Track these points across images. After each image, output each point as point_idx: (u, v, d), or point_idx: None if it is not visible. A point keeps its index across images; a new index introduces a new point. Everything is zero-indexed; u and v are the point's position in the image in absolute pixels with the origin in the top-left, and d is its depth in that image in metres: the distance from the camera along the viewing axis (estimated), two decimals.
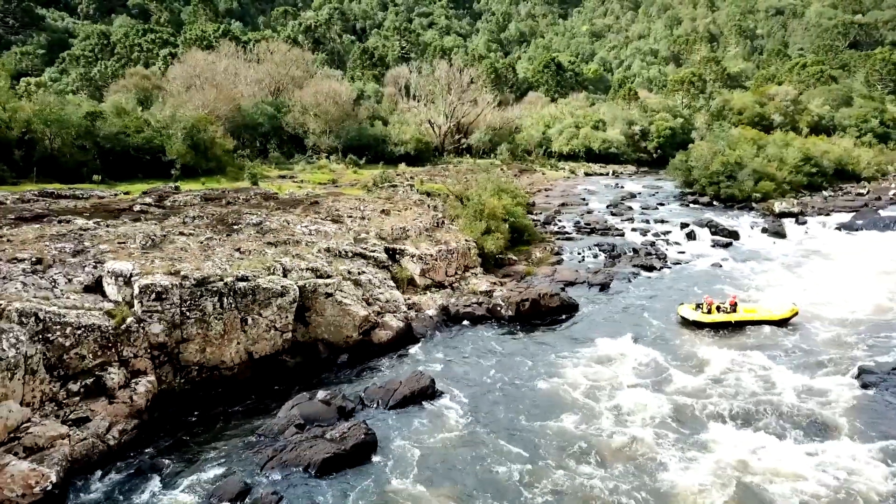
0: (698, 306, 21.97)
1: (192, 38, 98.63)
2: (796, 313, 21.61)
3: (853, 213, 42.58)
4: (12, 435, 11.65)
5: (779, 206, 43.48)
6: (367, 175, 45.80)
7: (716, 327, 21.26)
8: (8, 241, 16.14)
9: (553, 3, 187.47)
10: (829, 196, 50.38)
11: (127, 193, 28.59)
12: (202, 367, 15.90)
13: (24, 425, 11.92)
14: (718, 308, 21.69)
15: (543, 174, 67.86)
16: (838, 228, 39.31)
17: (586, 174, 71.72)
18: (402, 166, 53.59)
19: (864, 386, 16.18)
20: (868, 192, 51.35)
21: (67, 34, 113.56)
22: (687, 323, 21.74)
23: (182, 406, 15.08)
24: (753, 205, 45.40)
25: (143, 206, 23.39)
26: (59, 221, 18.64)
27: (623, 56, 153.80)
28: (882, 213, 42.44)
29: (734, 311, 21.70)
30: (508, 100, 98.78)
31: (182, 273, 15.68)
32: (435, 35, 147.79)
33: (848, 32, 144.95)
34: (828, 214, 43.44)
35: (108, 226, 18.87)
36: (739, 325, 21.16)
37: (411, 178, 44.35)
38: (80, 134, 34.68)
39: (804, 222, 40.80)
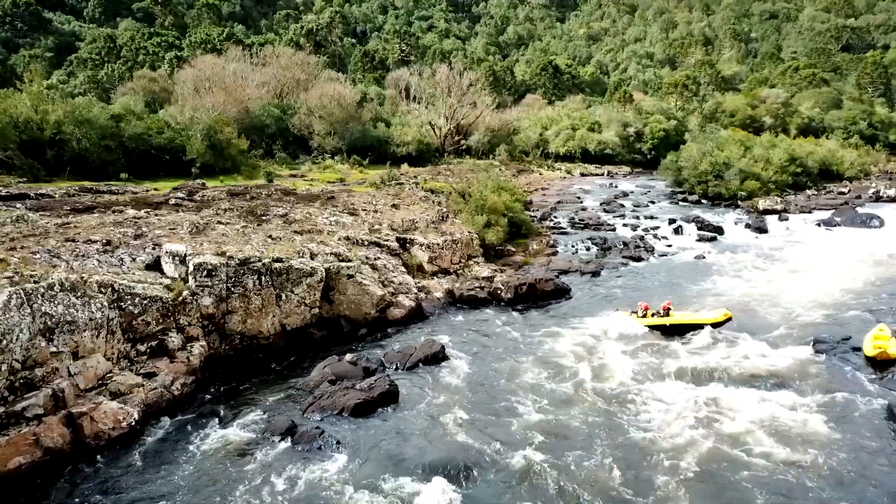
0: (633, 312, 22.13)
1: (197, 41, 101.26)
2: (729, 318, 21.14)
3: (833, 211, 45.10)
4: (100, 382, 14.14)
5: (763, 203, 46.07)
6: (373, 175, 48.27)
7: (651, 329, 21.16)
8: (74, 227, 18.61)
9: (551, 6, 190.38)
10: (813, 195, 52.95)
11: (156, 190, 31.08)
12: (243, 336, 18.39)
13: (108, 375, 14.41)
14: (654, 314, 21.59)
15: (541, 174, 70.40)
16: (817, 224, 41.82)
17: (582, 174, 74.31)
18: (405, 166, 55.86)
19: (818, 352, 18.68)
20: (849, 191, 53.96)
21: (74, 37, 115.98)
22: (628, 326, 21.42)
23: (228, 369, 17.56)
24: (739, 203, 47.96)
25: (177, 200, 25.90)
26: (113, 211, 21.14)
27: (619, 59, 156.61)
28: (860, 210, 44.96)
29: (667, 316, 21.51)
30: (507, 102, 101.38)
31: (228, 254, 18.20)
32: (434, 38, 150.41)
33: (840, 36, 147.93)
34: (809, 212, 46.00)
35: (156, 215, 21.43)
36: (674, 330, 20.80)
37: (415, 176, 46.84)
38: (107, 135, 37.13)
39: (786, 219, 43.33)
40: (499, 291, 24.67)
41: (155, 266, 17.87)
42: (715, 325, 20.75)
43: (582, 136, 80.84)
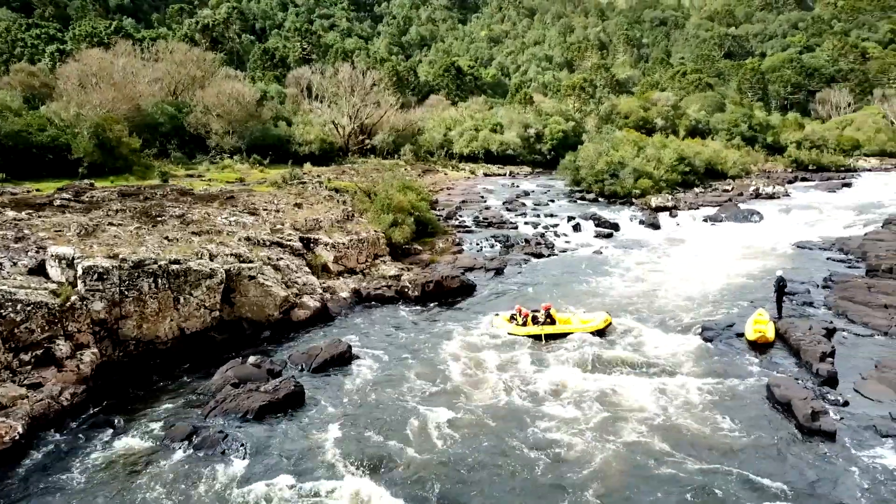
0: (513, 317, 21.20)
1: (81, 34, 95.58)
2: (609, 323, 21.00)
3: (718, 207, 47.96)
4: None
5: (655, 201, 48.38)
6: (274, 174, 47.18)
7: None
8: None
9: (452, 8, 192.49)
10: (700, 192, 56.05)
11: (38, 191, 29.17)
12: (139, 341, 17.60)
13: None
14: (535, 319, 20.80)
15: (446, 174, 70.98)
16: (704, 220, 44.35)
17: (486, 174, 75.45)
18: (308, 166, 54.97)
19: (705, 339, 19.87)
20: (732, 189, 57.54)
21: None
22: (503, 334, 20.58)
23: (123, 375, 16.76)
24: (633, 200, 50.11)
25: (63, 201, 24.40)
26: None
27: (520, 61, 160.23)
28: (742, 206, 48.04)
29: (549, 318, 20.79)
30: (411, 102, 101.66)
31: (121, 256, 17.35)
32: (336, 37, 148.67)
33: (723, 43, 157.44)
34: (697, 208, 48.65)
35: (39, 217, 20.13)
36: (553, 337, 20.19)
37: (318, 176, 46.18)
38: None
39: (676, 215, 45.66)
40: (406, 290, 24.77)
41: (39, 270, 16.81)
42: (595, 333, 20.31)
43: (485, 136, 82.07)
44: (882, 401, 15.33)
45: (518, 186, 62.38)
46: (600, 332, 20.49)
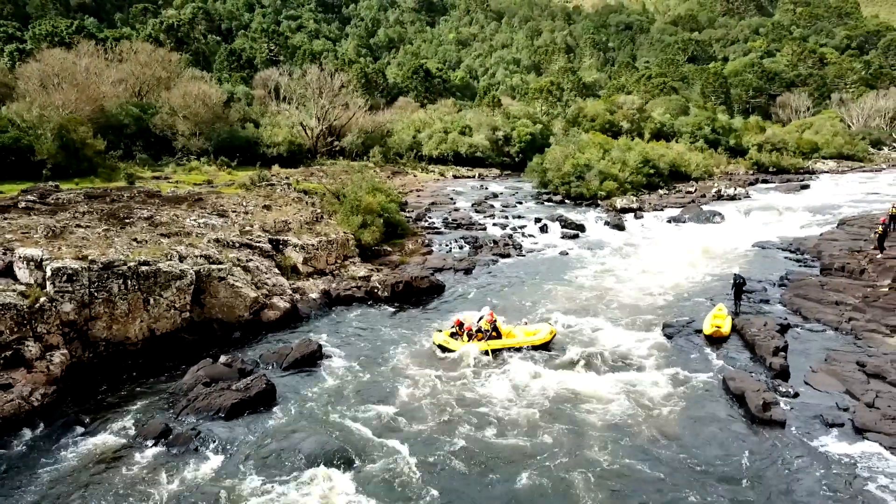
0: (454, 334, 19.80)
1: (42, 33, 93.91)
2: (554, 335, 20.14)
3: (682, 209, 49.09)
4: None
5: (620, 202, 49.36)
6: (242, 176, 47.11)
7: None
8: None
9: (421, 11, 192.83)
10: (664, 194, 57.23)
11: (1, 192, 28.83)
12: (109, 342, 17.66)
13: None
14: (480, 330, 19.76)
15: (415, 176, 71.33)
16: (668, 221, 45.39)
17: (454, 177, 75.92)
18: (276, 167, 54.91)
19: (667, 336, 20.55)
20: (695, 191, 58.86)
21: None
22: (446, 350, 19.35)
23: (93, 376, 16.82)
24: (599, 202, 51.03)
25: (28, 203, 24.24)
26: None
27: (488, 64, 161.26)
28: (704, 208, 49.19)
29: (495, 331, 19.76)
30: (379, 104, 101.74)
31: (90, 258, 17.40)
32: (304, 38, 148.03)
33: (687, 48, 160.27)
34: (661, 210, 49.72)
35: (4, 219, 20.01)
36: (498, 352, 19.26)
37: (287, 177, 46.22)
38: None
39: (641, 216, 46.65)
40: (376, 290, 25.09)
41: (7, 272, 16.78)
42: (538, 347, 19.47)
43: (454, 139, 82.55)
44: (830, 392, 16.14)
45: (487, 189, 62.99)
46: (545, 346, 19.64)
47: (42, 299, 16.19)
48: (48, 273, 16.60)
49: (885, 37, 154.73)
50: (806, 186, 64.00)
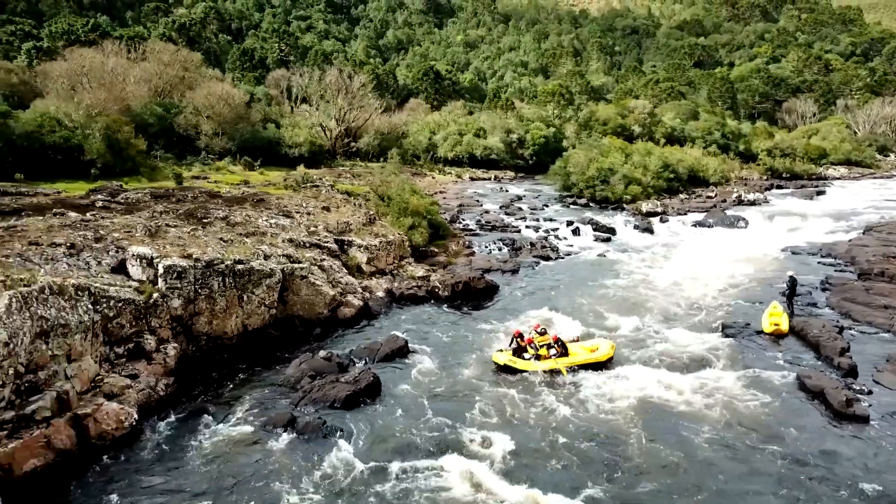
0: (517, 351, 18.99)
1: (58, 31, 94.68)
2: (614, 350, 19.62)
3: (705, 213, 50.16)
4: (93, 384, 14.12)
5: (645, 206, 50.42)
6: (274, 177, 48.06)
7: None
8: (22, 230, 17.97)
9: (429, 12, 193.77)
10: (685, 198, 58.33)
11: (63, 192, 29.63)
12: (209, 336, 18.61)
13: (97, 377, 14.39)
14: (547, 346, 19.00)
15: (434, 178, 72.26)
16: (694, 225, 46.43)
17: (471, 178, 76.88)
18: (302, 168, 55.68)
19: (727, 336, 21.53)
20: (716, 196, 59.98)
21: None
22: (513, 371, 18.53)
23: (197, 369, 17.75)
24: (624, 206, 52.10)
25: (104, 202, 25.12)
26: (55, 214, 20.44)
27: (496, 66, 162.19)
28: (728, 212, 50.34)
29: (562, 347, 19.00)
30: (391, 105, 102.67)
31: (194, 256, 18.33)
32: (314, 39, 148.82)
33: (693, 53, 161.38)
34: (685, 214, 50.78)
35: (102, 217, 20.92)
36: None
37: (320, 178, 47.09)
38: None
39: (667, 220, 47.68)
40: (436, 290, 26.05)
41: (120, 269, 17.70)
42: (605, 364, 18.89)
43: (469, 141, 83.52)
44: None
45: (507, 191, 63.94)
46: (607, 363, 18.98)
47: (155, 295, 17.12)
48: (160, 270, 17.54)
49: (889, 44, 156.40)
50: (822, 192, 65.16)
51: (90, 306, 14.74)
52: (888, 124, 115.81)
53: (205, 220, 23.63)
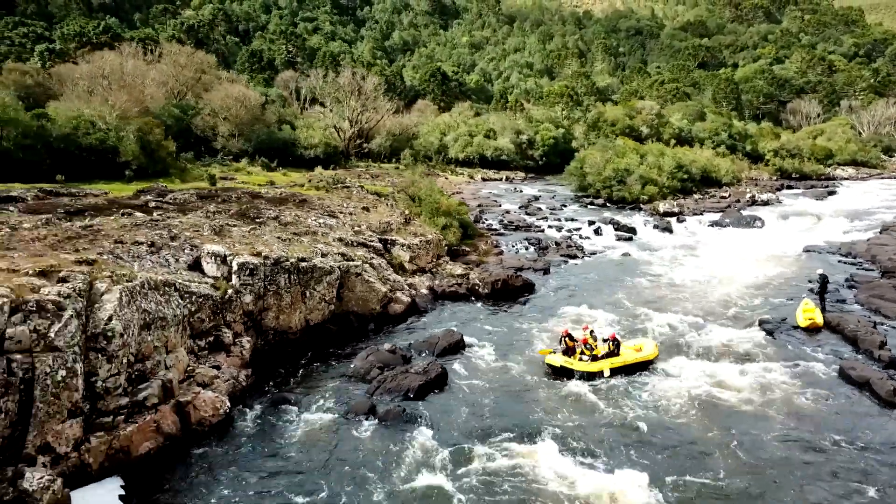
0: (567, 350, 19.01)
1: (70, 33, 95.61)
2: (659, 350, 20.16)
3: (720, 213, 51.06)
4: (187, 374, 14.99)
5: (663, 206, 51.31)
6: (295, 177, 48.97)
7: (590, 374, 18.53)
8: (100, 230, 18.80)
9: (434, 14, 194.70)
10: (699, 199, 59.22)
11: (106, 193, 30.48)
12: (276, 331, 19.48)
13: (189, 367, 15.26)
14: (599, 345, 19.25)
15: (447, 178, 73.13)
16: (711, 225, 47.33)
17: (483, 179, 77.84)
18: (319, 169, 56.53)
19: (766, 332, 22.40)
20: (729, 196, 60.89)
21: None
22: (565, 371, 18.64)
23: (267, 362, 18.62)
24: (641, 206, 52.99)
25: (156, 203, 25.97)
26: (123, 214, 21.29)
27: (502, 67, 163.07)
28: (743, 213, 51.23)
29: (616, 347, 19.21)
30: (399, 106, 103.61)
31: (263, 254, 19.21)
32: (320, 40, 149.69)
33: (697, 54, 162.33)
34: (701, 214, 51.67)
35: (168, 217, 21.78)
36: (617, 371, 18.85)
37: (345, 179, 47.97)
38: (29, 134, 35.66)
39: (684, 220, 48.58)
40: (477, 287, 26.94)
41: (195, 266, 18.56)
42: (651, 363, 19.38)
43: (479, 142, 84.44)
44: None
45: (521, 191, 64.83)
46: (651, 362, 19.50)
47: (229, 291, 17.98)
48: (234, 267, 18.41)
49: (893, 45, 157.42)
50: (833, 192, 66.10)
51: (180, 301, 15.61)
52: (892, 125, 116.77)
53: (258, 220, 24.48)
